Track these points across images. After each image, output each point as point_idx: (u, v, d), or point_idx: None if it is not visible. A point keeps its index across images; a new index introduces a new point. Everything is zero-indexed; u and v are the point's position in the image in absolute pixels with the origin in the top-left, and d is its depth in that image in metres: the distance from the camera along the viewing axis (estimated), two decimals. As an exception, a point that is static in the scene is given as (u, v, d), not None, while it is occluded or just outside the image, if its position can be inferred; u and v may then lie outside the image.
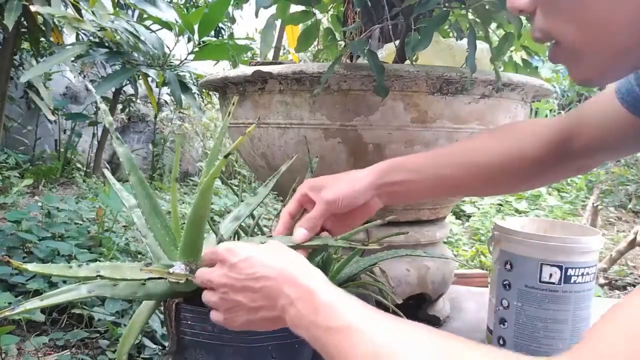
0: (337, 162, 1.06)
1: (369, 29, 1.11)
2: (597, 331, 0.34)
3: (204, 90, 3.17)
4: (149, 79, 2.20)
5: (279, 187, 0.98)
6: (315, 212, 0.71)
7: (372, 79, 0.96)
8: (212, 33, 3.10)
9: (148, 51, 1.75)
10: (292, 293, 0.51)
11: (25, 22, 2.21)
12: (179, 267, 0.68)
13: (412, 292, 1.15)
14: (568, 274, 0.98)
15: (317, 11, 1.22)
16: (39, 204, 1.83)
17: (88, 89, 3.55)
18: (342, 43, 1.43)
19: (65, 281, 1.25)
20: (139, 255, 1.66)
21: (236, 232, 0.88)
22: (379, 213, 0.77)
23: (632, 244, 1.97)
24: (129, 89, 3.45)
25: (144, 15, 2.11)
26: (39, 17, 2.10)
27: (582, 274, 1.00)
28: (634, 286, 1.92)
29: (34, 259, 1.42)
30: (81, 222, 1.84)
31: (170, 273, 0.66)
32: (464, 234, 2.64)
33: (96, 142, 3.49)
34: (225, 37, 3.43)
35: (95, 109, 3.54)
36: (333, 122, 1.03)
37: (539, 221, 1.21)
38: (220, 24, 3.64)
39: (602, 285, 1.94)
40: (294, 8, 1.25)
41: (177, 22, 1.82)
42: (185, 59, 1.89)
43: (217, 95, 1.33)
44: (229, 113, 0.83)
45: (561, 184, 3.61)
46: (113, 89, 3.10)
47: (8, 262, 0.62)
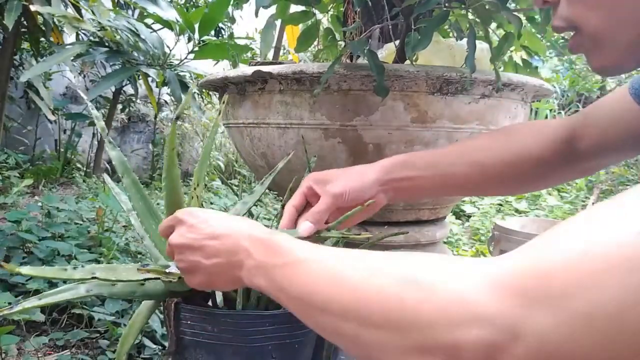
0: (337, 162, 1.06)
1: (369, 29, 1.11)
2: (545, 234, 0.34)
3: (203, 90, 3.17)
4: (149, 79, 2.20)
5: (278, 187, 0.98)
6: (320, 206, 0.71)
7: (372, 79, 0.96)
8: (212, 33, 3.10)
9: (148, 50, 1.75)
10: (249, 245, 0.51)
11: (25, 22, 2.21)
12: (174, 267, 0.68)
13: (412, 292, 1.15)
14: (568, 274, 0.98)
15: (317, 11, 1.22)
16: (39, 204, 1.82)
17: (88, 89, 3.55)
18: (342, 43, 1.43)
19: (65, 281, 1.24)
20: (139, 256, 1.66)
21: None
22: (378, 212, 0.77)
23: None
24: (129, 89, 3.45)
25: (145, 14, 2.11)
26: (39, 17, 2.10)
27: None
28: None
29: (34, 259, 1.42)
30: (81, 222, 1.84)
31: (167, 273, 0.66)
32: (464, 234, 2.64)
33: (96, 142, 3.49)
34: (225, 37, 3.43)
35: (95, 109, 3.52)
36: (333, 122, 1.03)
37: (539, 221, 1.21)
38: (220, 24, 3.64)
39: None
40: (294, 8, 1.25)
41: (177, 21, 1.82)
42: (186, 58, 1.89)
43: (217, 95, 1.33)
44: (220, 112, 0.83)
45: (561, 184, 3.61)
46: (113, 89, 3.10)
47: (1, 266, 0.62)
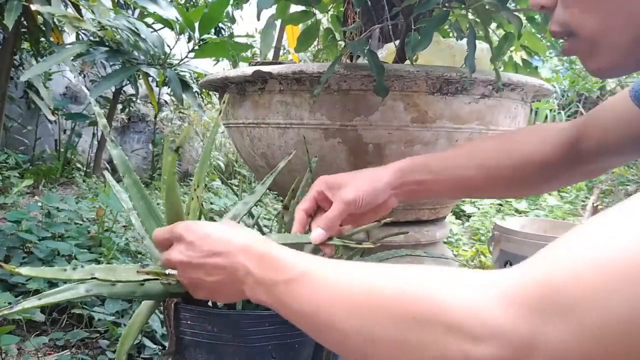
0: (337, 162, 1.06)
1: (369, 29, 1.11)
2: (552, 246, 0.34)
3: (203, 90, 3.17)
4: (149, 79, 2.20)
5: (279, 187, 0.98)
6: (333, 212, 0.70)
7: (372, 79, 0.96)
8: (213, 32, 3.10)
9: (148, 50, 1.75)
10: (248, 261, 0.51)
11: (25, 22, 2.21)
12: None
13: (412, 292, 1.15)
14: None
15: (317, 11, 1.22)
16: (39, 204, 1.82)
17: (88, 89, 3.55)
18: (342, 43, 1.43)
19: (65, 281, 1.24)
20: (139, 255, 1.66)
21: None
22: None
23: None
24: (129, 89, 3.45)
25: (145, 13, 2.11)
26: (39, 16, 2.10)
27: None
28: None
29: (34, 259, 1.42)
30: (81, 222, 1.84)
31: (166, 275, 0.65)
32: (464, 234, 2.64)
33: (96, 142, 3.49)
34: (225, 36, 3.43)
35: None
36: (333, 122, 1.02)
37: (539, 221, 1.21)
38: (220, 24, 3.65)
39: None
40: (294, 8, 1.25)
41: (177, 20, 1.82)
42: (186, 57, 1.89)
43: (217, 95, 1.33)
44: (220, 112, 0.83)
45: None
46: (113, 89, 3.10)
47: (0, 267, 0.62)
